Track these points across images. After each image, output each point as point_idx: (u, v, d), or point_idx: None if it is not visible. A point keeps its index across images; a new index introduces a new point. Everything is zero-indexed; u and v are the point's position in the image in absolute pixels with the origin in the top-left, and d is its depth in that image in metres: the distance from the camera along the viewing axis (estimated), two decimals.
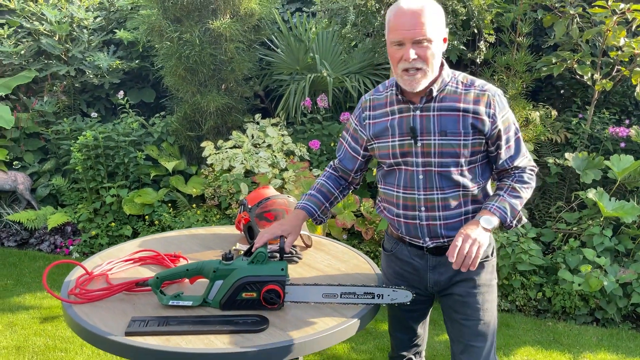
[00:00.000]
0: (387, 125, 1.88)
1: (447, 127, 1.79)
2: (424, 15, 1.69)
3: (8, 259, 4.51)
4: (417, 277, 1.97)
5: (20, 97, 5.50)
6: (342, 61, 5.06)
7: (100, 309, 1.79)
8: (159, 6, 4.64)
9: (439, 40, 1.75)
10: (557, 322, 3.73)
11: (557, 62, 4.31)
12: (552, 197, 4.47)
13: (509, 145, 1.85)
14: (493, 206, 1.81)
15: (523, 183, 1.87)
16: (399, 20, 1.72)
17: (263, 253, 1.81)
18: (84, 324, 1.70)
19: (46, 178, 5.20)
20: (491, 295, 1.95)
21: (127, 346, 1.60)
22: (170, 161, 4.79)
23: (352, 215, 4.07)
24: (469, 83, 1.83)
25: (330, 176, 2.12)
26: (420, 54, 1.72)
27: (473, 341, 1.92)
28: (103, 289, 1.87)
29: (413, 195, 1.87)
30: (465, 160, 1.82)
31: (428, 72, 1.75)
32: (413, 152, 1.84)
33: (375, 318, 3.63)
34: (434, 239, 1.89)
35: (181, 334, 1.65)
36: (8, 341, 3.31)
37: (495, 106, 1.80)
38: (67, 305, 1.82)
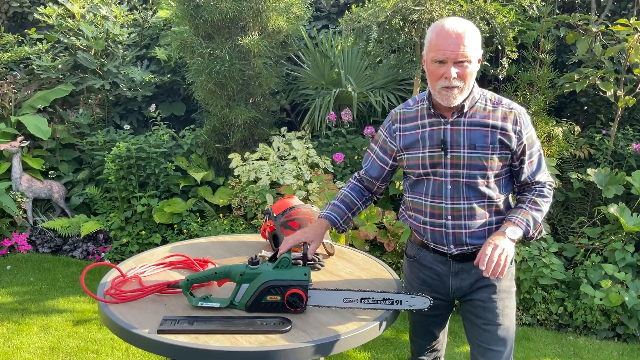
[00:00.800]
0: (418, 138, 1.98)
1: (476, 141, 1.90)
2: (466, 37, 1.80)
3: (43, 265, 4.69)
4: (439, 282, 2.06)
5: (57, 110, 5.73)
6: (366, 76, 5.17)
7: (134, 309, 1.91)
8: (191, 23, 4.82)
9: (476, 61, 1.86)
10: (578, 336, 3.74)
11: (579, 79, 4.35)
12: (575, 213, 4.49)
13: (531, 160, 1.96)
14: (517, 218, 1.91)
15: (543, 197, 1.97)
16: (443, 40, 1.81)
17: (287, 259, 1.91)
18: (119, 322, 1.81)
19: (80, 187, 5.39)
20: (511, 301, 2.03)
21: (159, 343, 1.71)
22: (199, 172, 4.94)
23: (374, 227, 4.15)
24: (497, 101, 1.95)
25: (354, 187, 2.21)
26: (460, 74, 1.83)
27: (493, 345, 1.99)
28: (136, 290, 1.99)
29: (440, 204, 1.96)
30: (492, 173, 1.92)
31: (464, 90, 1.86)
32: (442, 163, 1.94)
33: (396, 328, 3.70)
34: (459, 246, 1.98)
35: (209, 332, 1.75)
36: (43, 342, 3.46)
37: (521, 123, 1.92)
38: (103, 305, 1.93)
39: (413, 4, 3.88)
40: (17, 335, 3.53)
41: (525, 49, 4.65)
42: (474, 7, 3.94)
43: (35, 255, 4.91)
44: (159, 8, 6.01)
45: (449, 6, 3.87)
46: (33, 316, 3.79)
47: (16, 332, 3.57)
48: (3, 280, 4.37)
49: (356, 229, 4.21)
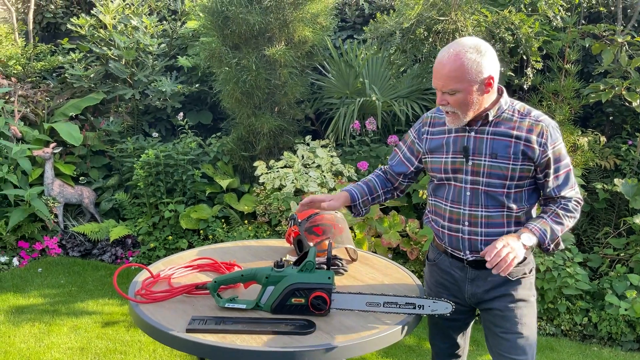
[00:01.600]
0: (443, 143, 2.03)
1: (498, 150, 1.93)
2: (452, 68, 1.84)
3: (73, 268, 4.81)
4: (456, 287, 2.10)
5: (89, 117, 5.89)
6: (391, 86, 5.21)
7: (163, 309, 1.97)
8: (219, 34, 4.93)
9: (475, 86, 1.86)
10: (602, 347, 3.71)
11: (605, 89, 4.34)
12: (600, 223, 4.46)
13: (557, 175, 1.95)
14: (535, 227, 1.92)
15: (567, 211, 1.96)
16: (435, 69, 1.90)
17: (312, 262, 1.96)
18: (150, 321, 1.88)
19: (109, 193, 5.53)
20: (529, 310, 2.04)
21: (188, 342, 1.77)
22: (225, 179, 5.03)
23: (397, 235, 4.18)
24: (525, 113, 1.96)
25: (379, 176, 2.29)
26: (450, 101, 1.89)
27: (513, 354, 2.01)
28: (166, 290, 2.06)
29: (459, 210, 2.00)
30: (512, 183, 1.94)
31: (460, 115, 1.91)
32: (464, 169, 1.98)
33: (418, 335, 3.72)
34: (474, 252, 2.01)
35: (236, 332, 1.80)
36: (72, 343, 3.56)
37: (547, 136, 1.91)
38: (134, 305, 2.00)
39: (437, 14, 3.93)
40: (48, 335, 3.64)
41: (550, 59, 4.65)
42: (498, 18, 3.97)
43: (65, 258, 5.05)
44: (187, 19, 6.15)
45: (473, 17, 3.91)
46: (63, 317, 3.90)
47: (47, 332, 3.68)
48: (35, 283, 4.50)
49: (379, 236, 4.24)
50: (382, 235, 4.19)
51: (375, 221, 4.27)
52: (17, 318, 3.87)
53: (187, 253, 2.53)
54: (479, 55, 1.84)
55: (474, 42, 1.87)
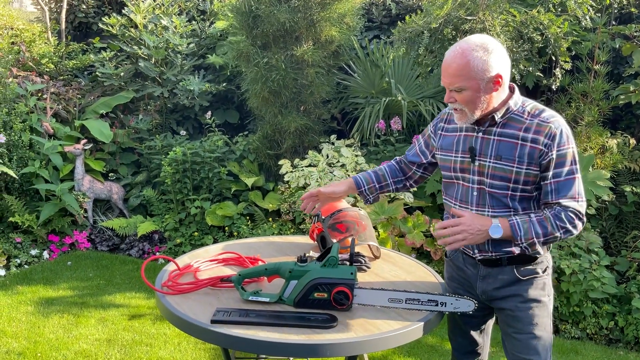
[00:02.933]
0: (454, 141, 2.05)
1: (503, 152, 1.91)
2: (458, 66, 1.85)
3: (101, 262, 4.91)
4: (468, 283, 2.12)
5: (119, 115, 6.01)
6: (417, 86, 5.21)
7: (189, 300, 2.01)
8: (248, 34, 4.99)
9: (481, 84, 1.85)
10: (629, 352, 3.66)
11: (635, 90, 4.27)
12: (628, 227, 4.39)
13: (558, 180, 1.87)
14: (514, 220, 1.89)
15: (558, 219, 1.86)
16: (442, 67, 1.92)
17: (335, 258, 1.98)
18: (175, 311, 1.92)
19: (138, 189, 5.63)
20: (542, 311, 2.01)
21: (213, 332, 1.80)
22: (250, 177, 5.08)
23: (421, 235, 4.18)
24: (536, 114, 1.91)
25: (390, 165, 2.32)
26: (457, 98, 1.90)
27: (525, 354, 2.00)
28: (192, 282, 2.10)
29: (467, 210, 2.01)
30: (518, 187, 1.92)
31: (467, 113, 1.91)
32: (470, 169, 1.99)
33: (441, 335, 3.71)
34: (482, 252, 2.02)
35: (260, 325, 1.83)
36: (100, 334, 3.64)
37: (554, 138, 1.85)
38: (161, 295, 2.05)
39: (465, 14, 3.92)
40: (76, 327, 3.73)
41: (579, 59, 4.60)
42: (527, 18, 3.94)
43: (94, 252, 5.16)
44: (216, 19, 6.23)
45: (501, 16, 3.89)
46: (91, 309, 3.99)
47: (75, 324, 3.77)
48: (64, 275, 4.61)
49: (403, 236, 4.24)
50: (406, 235, 4.19)
51: (399, 221, 4.27)
52: (46, 309, 3.97)
53: (212, 247, 2.58)
54: (486, 53, 1.83)
55: (481, 40, 1.86)
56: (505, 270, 2.00)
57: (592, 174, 4.08)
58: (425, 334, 1.94)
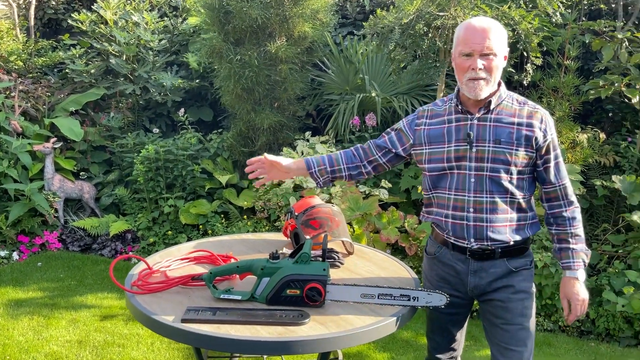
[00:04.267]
0: (444, 132, 2.04)
1: (501, 136, 1.96)
2: (491, 32, 1.90)
3: (72, 262, 4.83)
4: (458, 280, 2.09)
5: (89, 113, 5.90)
6: (390, 82, 5.22)
7: (160, 299, 1.98)
8: (220, 30, 4.94)
9: (502, 56, 1.95)
10: (600, 343, 3.72)
11: (605, 85, 4.34)
12: (599, 220, 4.46)
13: (557, 162, 2.02)
14: (574, 262, 2.03)
15: (578, 221, 2.05)
16: (470, 34, 1.92)
17: (307, 254, 1.96)
18: (145, 311, 1.89)
19: (110, 188, 5.54)
20: (530, 302, 2.06)
21: (183, 331, 1.77)
22: (224, 175, 5.04)
23: (396, 230, 4.19)
24: (523, 101, 2.02)
25: (347, 151, 2.24)
26: (486, 65, 1.91)
27: (513, 345, 2.02)
28: (162, 281, 2.06)
29: (463, 197, 2.01)
30: (515, 169, 1.97)
31: (490, 82, 1.94)
32: (467, 156, 1.99)
33: (415, 330, 3.73)
34: (479, 240, 2.01)
35: (231, 323, 1.81)
36: (71, 336, 3.57)
37: (546, 123, 1.98)
38: (130, 295, 2.01)
39: (437, 10, 3.93)
40: (46, 328, 3.66)
41: (550, 55, 4.65)
42: (498, 13, 3.97)
43: (65, 253, 5.06)
44: (188, 15, 6.16)
45: (472, 12, 3.91)
46: (62, 311, 3.92)
47: (46, 325, 3.70)
48: (34, 277, 4.52)
49: (378, 232, 4.25)
50: (381, 231, 4.20)
51: (374, 217, 4.28)
52: (16, 311, 3.88)
53: (184, 246, 2.54)
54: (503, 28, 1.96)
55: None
56: (497, 263, 2.02)
57: None
58: (398, 329, 1.94)
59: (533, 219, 2.05)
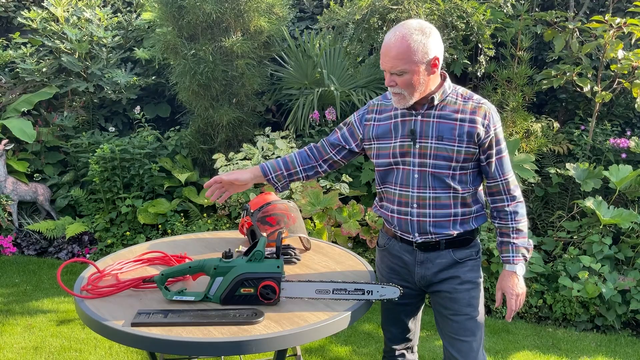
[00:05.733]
0: (390, 128, 2.05)
1: (443, 132, 1.96)
2: (399, 50, 1.88)
3: (28, 267, 4.69)
4: (406, 271, 2.12)
5: (42, 113, 5.74)
6: (349, 76, 5.21)
7: (110, 304, 1.94)
8: (174, 25, 4.85)
9: (422, 67, 1.90)
10: (557, 328, 3.80)
11: (557, 75, 4.42)
12: (554, 207, 4.55)
13: (500, 156, 2.02)
14: (515, 257, 2.06)
15: (521, 216, 2.07)
16: (382, 51, 1.93)
17: (260, 252, 1.95)
18: (94, 316, 1.84)
19: (65, 189, 5.40)
20: (477, 292, 2.09)
21: (133, 335, 1.74)
22: (183, 173, 4.96)
23: (357, 224, 4.20)
24: (468, 96, 2.01)
25: (301, 152, 2.24)
26: (398, 82, 1.92)
27: (461, 335, 2.05)
28: (112, 285, 2.02)
29: (407, 193, 2.03)
30: (458, 165, 1.98)
31: (407, 96, 1.94)
32: (411, 152, 2.00)
33: (377, 322, 3.75)
34: (423, 234, 2.04)
35: (182, 325, 1.78)
36: (26, 342, 3.48)
37: (490, 118, 1.98)
38: (79, 300, 1.96)
39: (390, 3, 3.94)
40: (0, 335, 3.55)
41: (503, 46, 4.72)
42: (450, 6, 4.00)
43: (20, 257, 4.92)
44: (142, 10, 6.03)
45: (425, 5, 3.93)
46: (17, 317, 3.81)
47: (0, 332, 3.59)
48: None
49: (339, 226, 4.25)
50: (342, 224, 4.20)
51: (335, 211, 4.28)
52: None
53: (137, 247, 2.49)
54: (424, 37, 1.88)
55: (419, 24, 1.90)
56: (443, 254, 2.04)
57: (518, 158, 4.20)
58: (354, 323, 1.94)
59: (478, 212, 2.08)
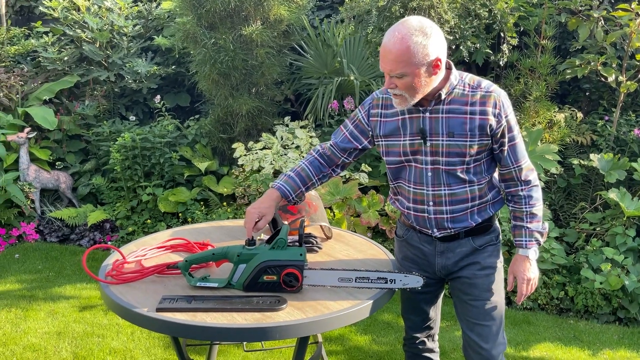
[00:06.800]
0: (399, 125, 2.00)
1: (454, 128, 1.91)
2: (398, 53, 1.80)
3: (50, 253, 4.76)
4: (426, 261, 2.11)
5: (63, 101, 5.79)
6: (369, 65, 5.18)
7: (134, 289, 1.95)
8: (194, 14, 4.86)
9: (422, 69, 1.82)
10: (578, 320, 3.77)
11: (581, 65, 4.35)
12: (576, 198, 4.50)
13: (512, 144, 1.96)
14: (528, 242, 2.02)
15: (536, 200, 2.03)
16: (381, 54, 1.85)
17: (283, 240, 1.95)
18: (120, 301, 1.86)
19: (87, 177, 5.46)
20: (497, 277, 2.07)
21: (158, 320, 1.75)
22: (203, 162, 4.99)
23: (376, 214, 4.19)
24: (476, 85, 1.94)
25: (313, 162, 2.16)
26: (398, 84, 1.86)
27: (481, 320, 2.04)
28: (136, 271, 2.04)
29: (422, 191, 2.00)
30: (471, 159, 1.94)
31: (408, 98, 1.88)
32: (422, 150, 1.97)
33: (397, 312, 3.74)
34: (441, 230, 2.03)
35: (207, 311, 1.79)
36: (50, 327, 3.53)
37: (500, 106, 1.91)
38: (104, 286, 1.98)
39: None
40: (24, 320, 3.61)
41: (527, 35, 4.65)
42: None
43: (43, 244, 4.99)
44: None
45: None
46: (40, 303, 3.87)
47: (24, 317, 3.65)
48: (12, 269, 4.45)
49: (358, 216, 4.25)
50: (361, 214, 4.20)
51: (354, 201, 4.27)
52: None
53: (160, 234, 2.51)
54: (425, 38, 1.80)
55: (419, 24, 1.81)
56: (462, 242, 2.03)
57: (540, 148, 4.15)
58: (376, 311, 1.94)
59: (495, 198, 2.05)
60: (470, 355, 2.07)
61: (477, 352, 2.04)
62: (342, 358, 3.25)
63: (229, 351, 3.25)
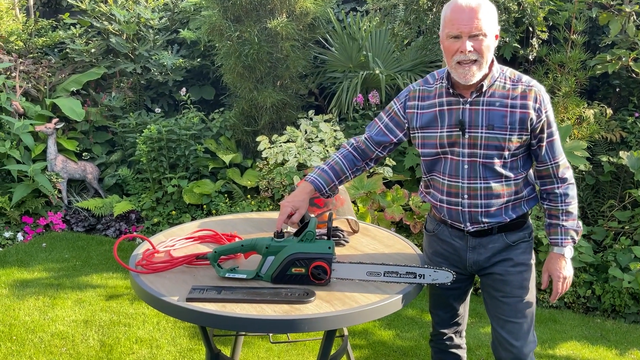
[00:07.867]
0: (436, 116, 1.98)
1: (494, 121, 1.89)
2: (480, 11, 1.81)
3: (77, 243, 4.83)
4: (456, 256, 2.08)
5: (90, 93, 5.86)
6: (394, 59, 5.15)
7: (164, 279, 1.97)
8: (220, 7, 4.87)
9: (492, 36, 1.85)
10: (605, 319, 3.71)
11: (612, 60, 4.27)
12: (605, 196, 4.43)
13: (551, 140, 1.95)
14: (563, 240, 2.00)
15: (572, 198, 2.01)
16: (457, 15, 1.82)
17: (312, 232, 1.94)
18: (150, 290, 1.88)
19: (113, 168, 5.53)
20: (529, 274, 2.05)
21: (188, 310, 1.76)
22: (228, 154, 5.01)
23: (400, 209, 4.17)
24: (517, 79, 1.93)
25: (347, 155, 2.14)
26: (476, 47, 1.82)
27: (513, 317, 2.02)
28: (166, 261, 2.05)
29: (457, 183, 1.97)
30: (509, 153, 1.92)
31: (482, 64, 1.85)
32: (460, 142, 1.94)
33: (421, 308, 3.73)
34: (475, 224, 2.00)
35: (236, 301, 1.80)
36: (77, 315, 3.59)
37: (541, 101, 1.90)
38: (135, 275, 2.00)
39: None
40: (52, 308, 3.67)
41: (556, 29, 4.58)
42: None
43: (69, 233, 5.07)
44: None
45: None
46: (67, 291, 3.93)
47: (51, 305, 3.71)
48: (39, 257, 4.52)
49: (382, 210, 4.23)
50: (385, 209, 4.18)
51: (378, 195, 4.25)
52: (21, 292, 3.89)
53: (188, 225, 2.53)
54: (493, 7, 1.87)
55: None
56: (495, 238, 2.01)
57: (569, 145, 4.09)
58: (404, 306, 1.93)
59: (530, 195, 2.03)
60: (500, 353, 2.05)
61: (508, 350, 2.02)
62: (366, 352, 3.25)
63: (253, 342, 3.26)
